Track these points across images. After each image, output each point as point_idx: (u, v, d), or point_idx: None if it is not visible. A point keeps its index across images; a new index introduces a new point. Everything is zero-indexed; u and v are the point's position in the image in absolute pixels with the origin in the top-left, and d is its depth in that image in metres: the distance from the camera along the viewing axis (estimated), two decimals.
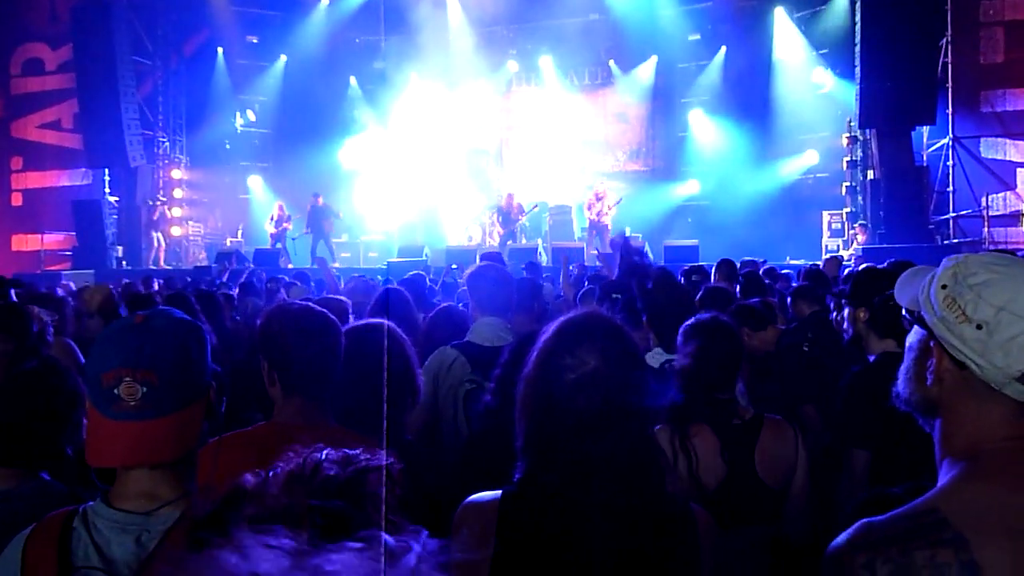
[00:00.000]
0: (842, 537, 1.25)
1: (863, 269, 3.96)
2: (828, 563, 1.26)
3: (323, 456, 1.10)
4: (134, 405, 1.48)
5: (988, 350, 1.20)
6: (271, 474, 1.09)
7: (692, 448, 2.52)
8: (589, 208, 16.74)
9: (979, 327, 1.21)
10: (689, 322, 2.77)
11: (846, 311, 3.43)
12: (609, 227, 16.65)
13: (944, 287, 1.26)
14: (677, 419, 2.59)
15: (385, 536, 0.77)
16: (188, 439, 1.57)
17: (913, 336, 1.35)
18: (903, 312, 1.37)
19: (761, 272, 7.31)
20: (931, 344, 1.30)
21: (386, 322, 2.52)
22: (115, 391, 1.48)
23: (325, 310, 2.19)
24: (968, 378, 1.24)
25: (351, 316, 3.56)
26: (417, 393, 2.50)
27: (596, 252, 12.38)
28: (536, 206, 17.78)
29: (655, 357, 3.42)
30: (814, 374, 4.01)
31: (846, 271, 8.90)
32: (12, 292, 6.23)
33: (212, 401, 1.64)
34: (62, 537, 1.50)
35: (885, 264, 4.38)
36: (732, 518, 2.40)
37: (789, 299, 5.71)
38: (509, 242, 16.87)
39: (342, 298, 3.95)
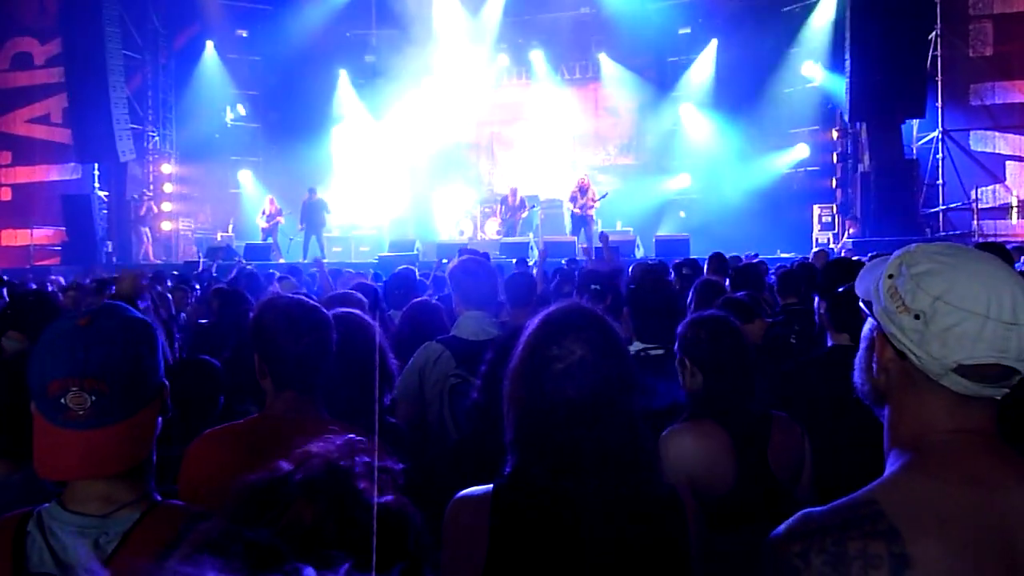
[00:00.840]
0: (782, 526, 1.26)
1: (830, 262, 3.96)
2: (766, 551, 1.26)
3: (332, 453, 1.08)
4: (83, 415, 1.41)
5: (925, 340, 1.19)
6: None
7: (708, 446, 2.50)
8: (572, 201, 16.49)
9: (916, 317, 1.20)
10: (695, 318, 2.74)
11: (816, 303, 3.45)
12: (594, 219, 16.56)
13: (890, 277, 1.26)
14: (691, 417, 2.58)
15: (307, 570, 0.75)
16: (142, 445, 1.50)
17: (866, 327, 1.36)
18: (859, 303, 1.37)
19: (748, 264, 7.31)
20: (876, 334, 1.31)
21: (355, 311, 2.54)
22: (62, 400, 1.41)
23: (316, 303, 2.19)
24: (909, 369, 1.24)
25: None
26: (392, 377, 2.49)
27: (584, 247, 12.35)
28: (534, 206, 17.72)
29: (632, 347, 3.44)
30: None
31: None
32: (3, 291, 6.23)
33: (166, 401, 1.57)
34: (16, 542, 1.45)
35: (867, 257, 4.40)
36: (747, 516, 2.40)
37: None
38: (503, 235, 16.85)
39: (359, 295, 3.92)
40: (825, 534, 1.19)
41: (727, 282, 5.99)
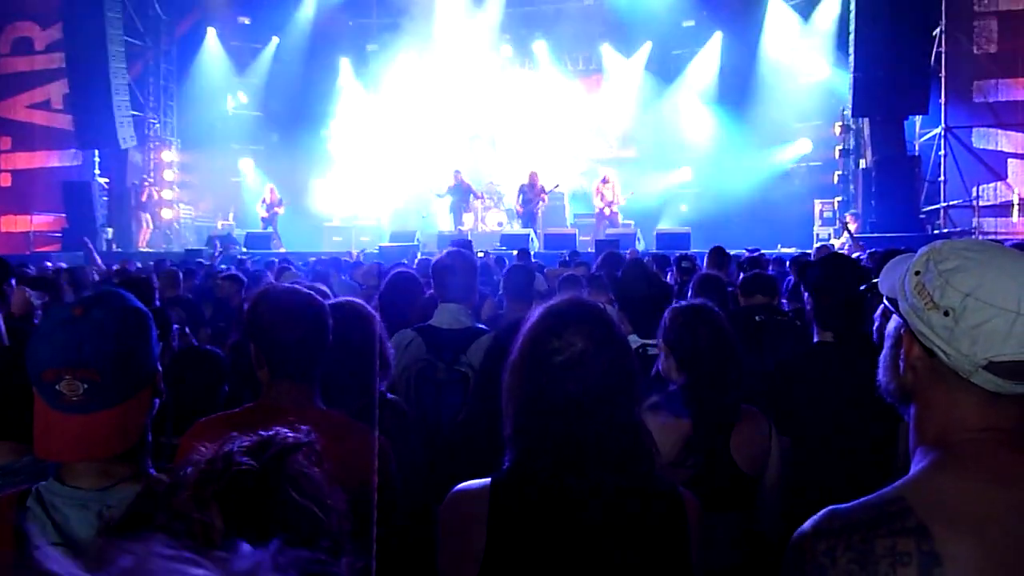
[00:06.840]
0: (807, 523, 1.24)
1: (821, 259, 3.94)
2: (792, 549, 1.25)
3: (235, 447, 1.09)
4: (76, 400, 1.47)
5: (955, 337, 1.18)
6: (183, 473, 1.07)
7: (670, 431, 2.51)
8: (599, 194, 16.61)
9: (946, 313, 1.18)
10: (676, 306, 2.78)
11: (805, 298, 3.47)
12: (619, 216, 16.59)
13: (917, 273, 1.25)
14: (656, 403, 2.59)
15: (244, 545, 0.75)
16: (136, 428, 1.56)
17: (891, 324, 1.34)
18: (884, 300, 1.35)
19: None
20: (903, 332, 1.29)
21: (355, 300, 2.58)
22: (56, 387, 1.47)
23: (312, 292, 2.18)
24: (938, 366, 1.22)
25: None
26: (388, 366, 2.57)
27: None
28: (557, 185, 17.54)
29: (631, 342, 3.44)
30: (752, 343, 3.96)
31: None
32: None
33: (159, 385, 1.63)
34: (17, 516, 1.50)
35: (866, 255, 4.38)
36: (708, 503, 2.41)
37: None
38: (518, 226, 16.79)
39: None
40: (852, 531, 1.18)
41: (740, 278, 6.01)
